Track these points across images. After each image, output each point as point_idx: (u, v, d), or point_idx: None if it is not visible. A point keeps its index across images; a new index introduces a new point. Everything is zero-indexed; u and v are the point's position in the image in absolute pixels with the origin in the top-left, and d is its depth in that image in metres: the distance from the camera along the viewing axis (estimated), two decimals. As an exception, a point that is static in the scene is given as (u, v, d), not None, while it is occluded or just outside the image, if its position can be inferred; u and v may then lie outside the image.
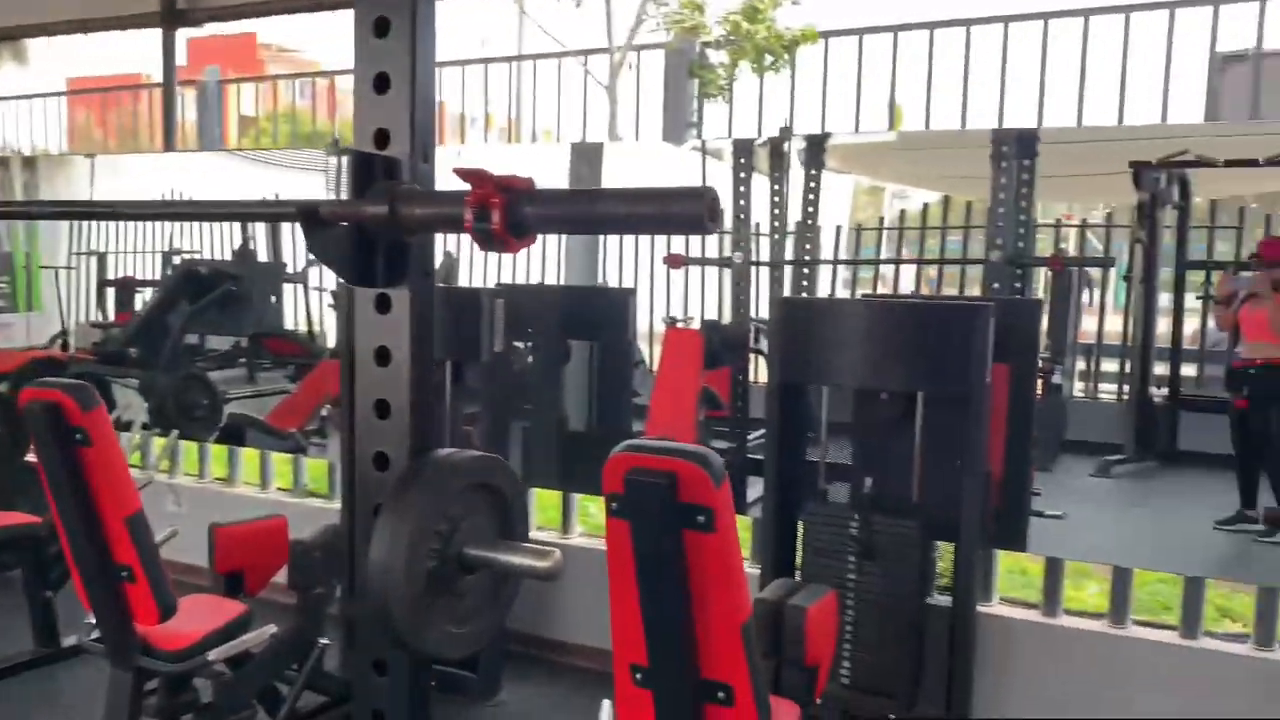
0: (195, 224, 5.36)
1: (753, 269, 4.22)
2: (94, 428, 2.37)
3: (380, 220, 1.33)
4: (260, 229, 5.25)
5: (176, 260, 5.45)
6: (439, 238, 1.83)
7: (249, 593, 2.94)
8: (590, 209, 1.22)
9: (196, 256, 5.40)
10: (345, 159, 1.41)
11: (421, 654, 1.42)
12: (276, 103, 6.35)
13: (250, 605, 2.83)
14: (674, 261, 4.48)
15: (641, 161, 4.88)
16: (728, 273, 4.35)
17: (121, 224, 5.49)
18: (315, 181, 5.68)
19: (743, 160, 4.27)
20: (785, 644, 2.23)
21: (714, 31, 5.66)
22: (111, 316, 5.52)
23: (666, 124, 4.92)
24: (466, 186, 1.28)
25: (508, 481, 1.51)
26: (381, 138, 1.44)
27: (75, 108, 9.78)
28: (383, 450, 1.49)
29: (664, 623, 1.85)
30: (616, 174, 4.56)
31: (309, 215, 1.34)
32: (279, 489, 4.63)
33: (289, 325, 5.35)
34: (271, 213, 2.26)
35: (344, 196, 1.44)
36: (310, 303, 5.30)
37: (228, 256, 5.31)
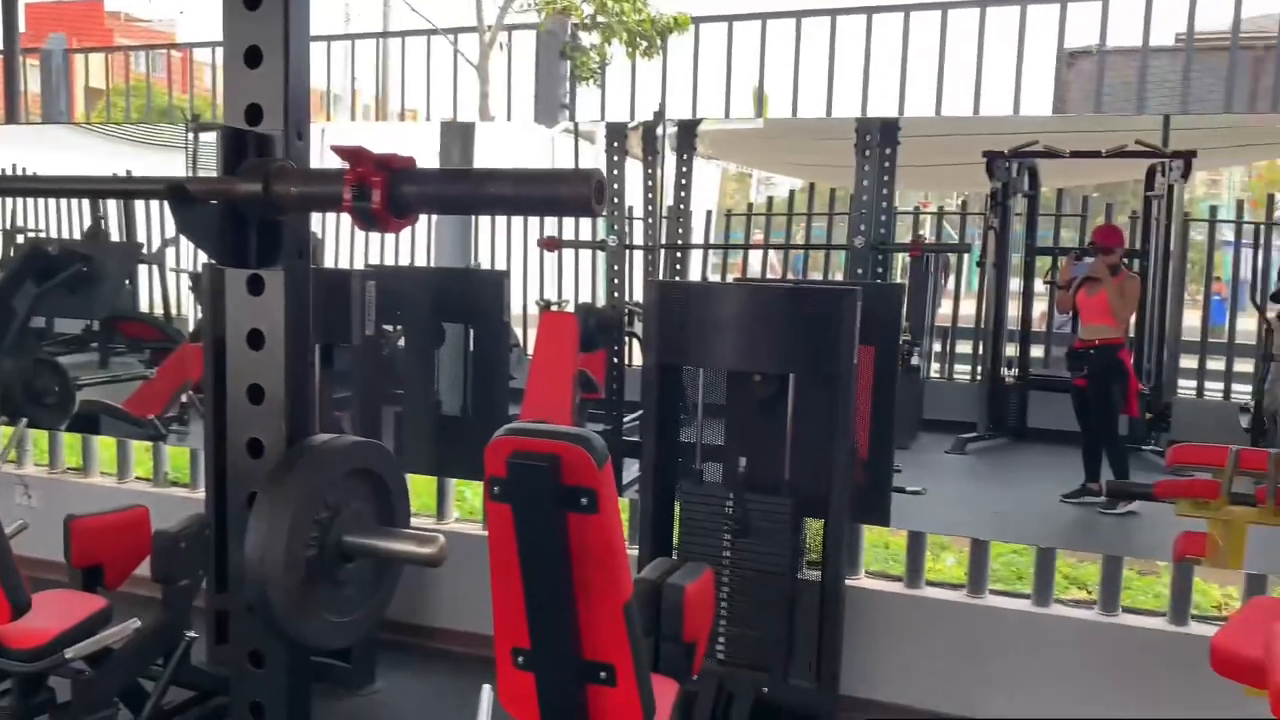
0: (41, 201, 5.08)
1: (626, 252, 4.26)
2: (-66, 417, 2.23)
3: (254, 199, 1.29)
4: (113, 207, 5.01)
5: (20, 239, 5.15)
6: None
7: (109, 587, 2.83)
8: (475, 189, 1.21)
9: (42, 235, 5.11)
10: (214, 135, 1.36)
11: (302, 644, 1.39)
12: (128, 75, 6.03)
13: (111, 600, 2.72)
14: (548, 244, 4.47)
15: (512, 142, 4.85)
16: (601, 256, 4.37)
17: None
18: (170, 159, 5.44)
19: (616, 144, 4.28)
20: (664, 622, 2.27)
21: (585, 12, 5.64)
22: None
23: (538, 105, 4.87)
24: (344, 165, 1.25)
25: (388, 467, 1.49)
26: (254, 113, 1.39)
27: None
28: (256, 437, 1.45)
29: (546, 605, 1.86)
30: (487, 154, 4.52)
31: (177, 193, 1.29)
32: (138, 478, 4.44)
33: (144, 308, 5.12)
34: (138, 189, 2.16)
35: (211, 174, 1.39)
36: (167, 285, 5.09)
37: (76, 236, 5.05)
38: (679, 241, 4.17)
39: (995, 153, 3.65)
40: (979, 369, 3.84)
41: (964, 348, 3.94)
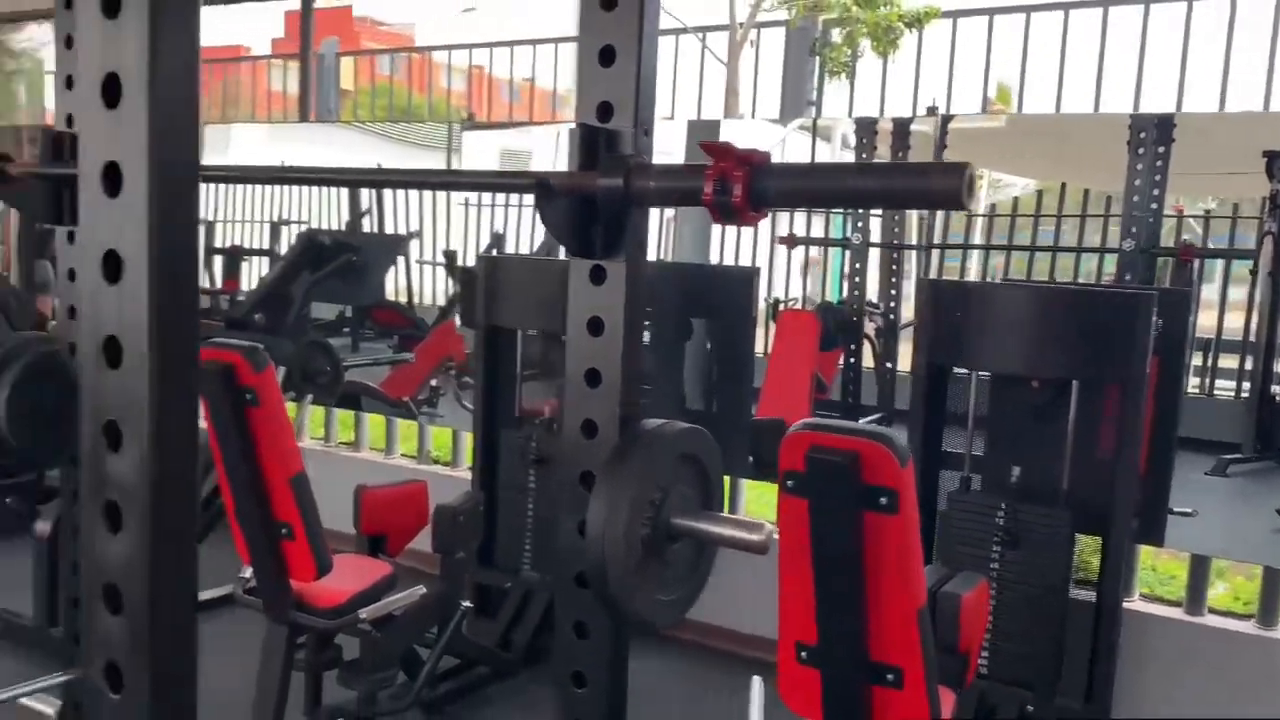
0: (309, 195, 5.48)
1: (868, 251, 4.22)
2: (263, 388, 2.43)
3: (614, 193, 1.35)
4: (369, 200, 5.36)
5: (284, 230, 5.58)
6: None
7: (390, 554, 3.01)
8: (837, 183, 1.22)
9: (308, 226, 5.52)
10: (572, 131, 1.43)
11: (635, 619, 1.45)
12: (392, 77, 6.43)
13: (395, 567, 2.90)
14: (788, 241, 4.47)
15: (739, 141, 4.86)
16: (833, 253, 4.37)
17: (228, 194, 5.64)
18: (411, 153, 5.78)
19: (865, 139, 4.26)
20: (940, 630, 2.23)
21: (836, 9, 5.58)
22: (219, 283, 5.68)
23: (785, 102, 4.88)
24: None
25: (710, 454, 1.52)
26: (605, 110, 1.46)
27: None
28: (591, 418, 1.51)
29: (838, 603, 1.86)
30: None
31: (543, 187, 1.37)
32: (403, 455, 4.72)
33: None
34: (507, 183, 2.32)
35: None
36: (411, 275, 5.40)
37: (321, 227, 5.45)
38: (895, 241, 4.15)
39: (1277, 152, 3.39)
40: (1246, 385, 3.58)
41: (1227, 362, 3.70)
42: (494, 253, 4.82)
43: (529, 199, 4.73)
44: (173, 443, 0.92)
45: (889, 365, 4.27)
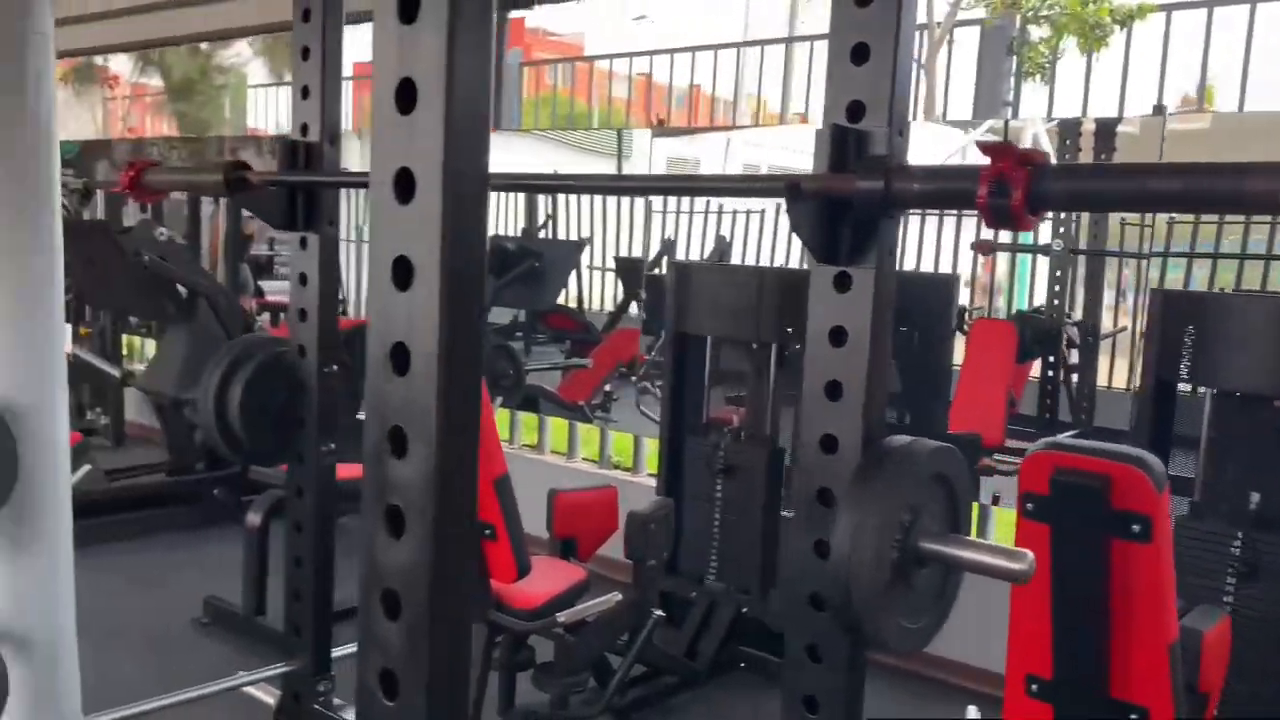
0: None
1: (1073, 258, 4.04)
2: (472, 391, 2.46)
3: (873, 196, 1.28)
4: (544, 206, 5.45)
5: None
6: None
7: (580, 558, 3.02)
8: (1133, 185, 1.13)
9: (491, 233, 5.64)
10: (822, 132, 1.37)
11: (881, 645, 1.38)
12: (572, 89, 6.53)
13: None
14: (982, 248, 4.30)
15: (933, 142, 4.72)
16: (1019, 260, 4.20)
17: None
18: (592, 160, 5.83)
19: (1068, 141, 4.08)
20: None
21: (1034, 6, 5.31)
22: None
23: (978, 103, 4.68)
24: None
25: (960, 474, 1.44)
26: (855, 110, 1.39)
27: (360, 91, 10.36)
28: (831, 433, 1.45)
29: (1078, 636, 1.75)
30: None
31: (794, 189, 1.31)
32: (584, 459, 4.76)
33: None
34: (757, 186, 2.30)
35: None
36: (581, 280, 5.45)
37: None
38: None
39: None
40: None
41: None
42: (664, 259, 4.82)
43: (700, 205, 4.68)
44: (458, 450, 0.91)
45: (1084, 379, 4.08)
